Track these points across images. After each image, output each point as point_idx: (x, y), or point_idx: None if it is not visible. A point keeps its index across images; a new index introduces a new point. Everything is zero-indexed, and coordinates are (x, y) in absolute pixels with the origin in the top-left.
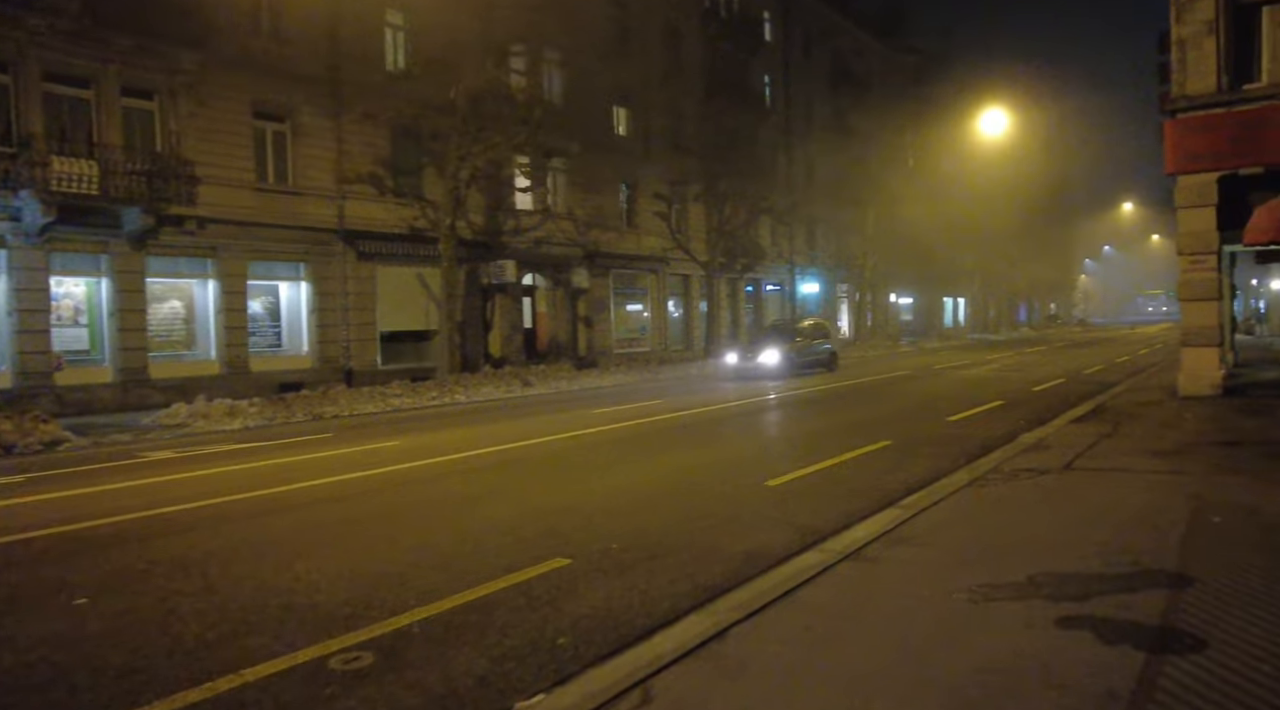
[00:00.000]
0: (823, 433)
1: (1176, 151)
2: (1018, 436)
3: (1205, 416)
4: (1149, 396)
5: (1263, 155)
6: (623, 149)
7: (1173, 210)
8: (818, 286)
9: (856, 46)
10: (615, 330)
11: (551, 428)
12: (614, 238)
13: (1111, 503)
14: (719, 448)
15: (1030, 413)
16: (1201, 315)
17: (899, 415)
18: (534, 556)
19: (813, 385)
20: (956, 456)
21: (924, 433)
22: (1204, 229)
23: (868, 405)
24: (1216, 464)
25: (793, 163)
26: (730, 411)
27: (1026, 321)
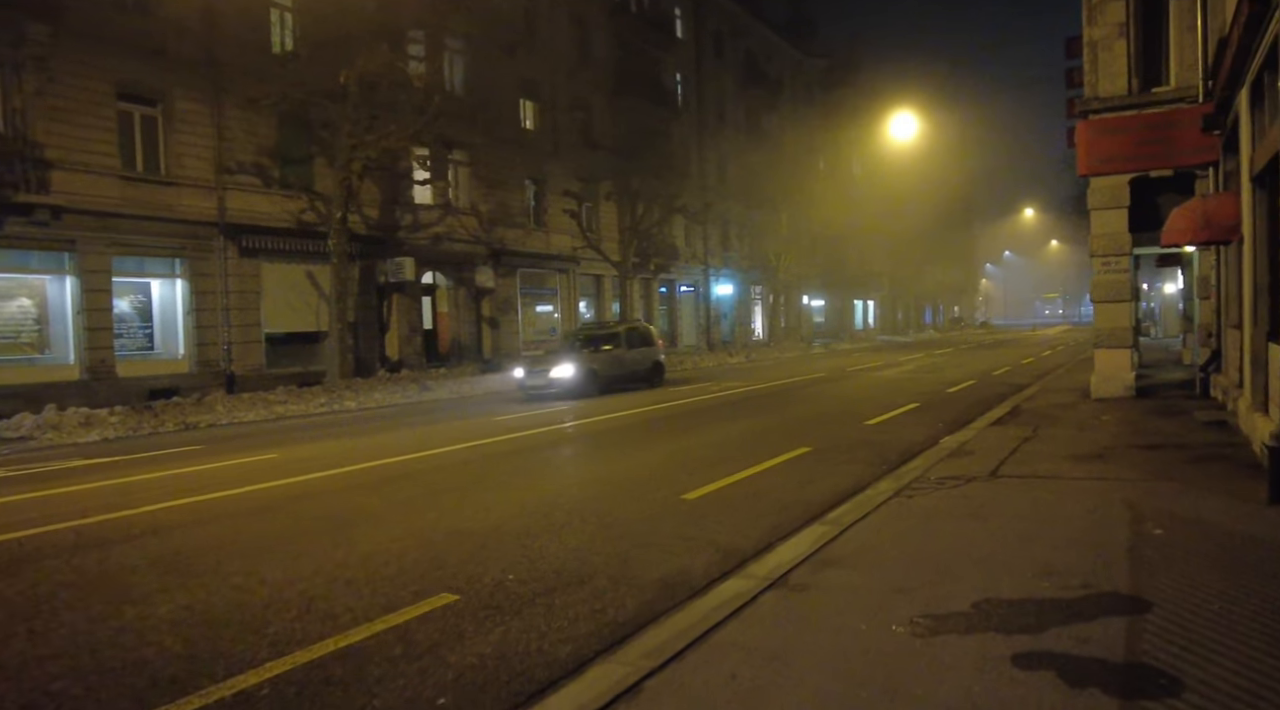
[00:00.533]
0: (743, 439)
1: (1089, 153)
2: (939, 441)
3: (1121, 419)
4: (1062, 398)
5: (1172, 158)
6: (530, 144)
7: (1070, 216)
8: (731, 288)
9: (768, 49)
10: (523, 332)
11: (448, 437)
12: (521, 235)
13: (1046, 515)
14: (633, 457)
15: (948, 415)
16: (1114, 317)
17: (818, 419)
18: (416, 592)
19: (729, 389)
20: (879, 463)
21: (844, 437)
22: (1117, 230)
23: (786, 409)
24: (1143, 469)
25: (706, 162)
26: (646, 418)
27: (932, 324)
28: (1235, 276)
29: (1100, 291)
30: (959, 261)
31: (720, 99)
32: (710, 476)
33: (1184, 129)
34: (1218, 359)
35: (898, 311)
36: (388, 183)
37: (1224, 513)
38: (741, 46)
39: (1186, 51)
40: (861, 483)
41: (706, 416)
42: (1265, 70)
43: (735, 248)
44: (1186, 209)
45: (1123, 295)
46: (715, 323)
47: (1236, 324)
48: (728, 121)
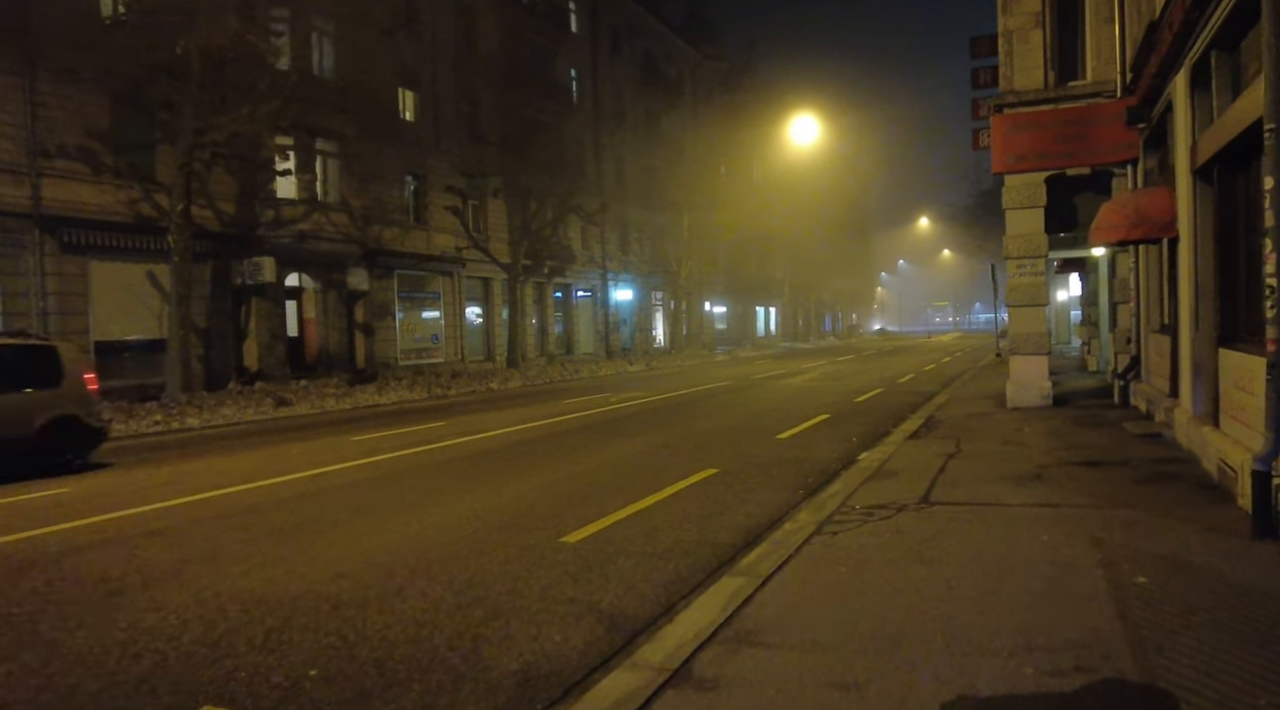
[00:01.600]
0: (641, 459)
1: (1004, 150)
2: (857, 458)
3: (1046, 431)
4: (977, 408)
5: (1089, 155)
6: (410, 136)
7: (962, 224)
8: (631, 293)
9: (668, 49)
10: (401, 339)
11: (292, 462)
12: (399, 234)
13: (1003, 557)
14: (509, 487)
15: (861, 427)
16: (1030, 322)
17: (724, 434)
18: (170, 704)
19: (627, 401)
20: (796, 487)
21: (754, 455)
22: (1032, 231)
23: (689, 423)
24: (1093, 493)
25: (604, 162)
26: (530, 437)
27: (833, 331)
28: (1157, 278)
29: (1016, 295)
30: (857, 269)
31: (618, 97)
32: (599, 510)
33: (1102, 125)
34: (1138, 366)
35: (799, 318)
36: (245, 174)
37: (1206, 551)
38: (640, 45)
39: (1103, 44)
40: (778, 513)
41: (600, 433)
42: (1214, 50)
43: (635, 252)
44: (1117, 204)
45: (1039, 299)
46: (614, 329)
47: (1159, 328)
48: (626, 121)
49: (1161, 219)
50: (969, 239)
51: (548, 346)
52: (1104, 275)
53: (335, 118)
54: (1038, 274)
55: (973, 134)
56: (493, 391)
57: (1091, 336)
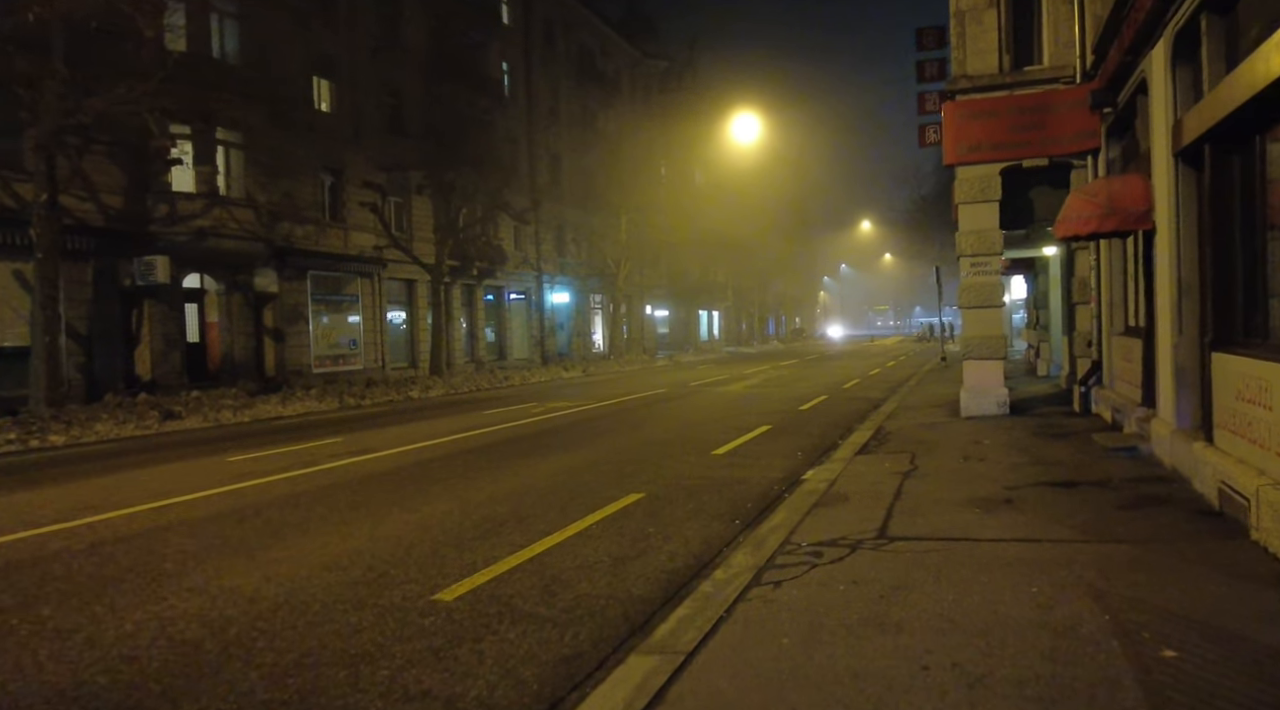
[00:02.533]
0: (555, 483)
1: (957, 139)
2: (802, 478)
3: (1007, 443)
4: (928, 417)
5: (1048, 145)
6: (325, 128)
7: (902, 228)
8: (568, 296)
9: (605, 45)
10: (316, 345)
11: (138, 492)
12: (313, 232)
13: (985, 620)
14: (391, 520)
15: (806, 440)
16: (985, 324)
17: (655, 449)
18: None
19: (555, 410)
20: (731, 517)
21: (686, 475)
22: (987, 227)
23: (619, 435)
24: (1075, 524)
25: (537, 159)
26: (434, 456)
27: (776, 335)
28: (1121, 277)
29: (970, 296)
30: (800, 273)
31: (553, 93)
32: (491, 553)
33: (1061, 113)
34: (1099, 371)
35: (742, 323)
36: (134, 164)
37: (1237, 608)
38: (575, 40)
39: (1061, 25)
40: (709, 554)
41: (515, 451)
42: (1204, 14)
43: (572, 253)
44: (1086, 194)
45: (994, 300)
46: (550, 334)
47: (1124, 331)
48: (561, 118)
49: (1136, 209)
50: (909, 243)
51: (478, 352)
52: (1055, 275)
53: (238, 106)
54: (993, 273)
55: (919, 130)
56: (411, 401)
57: (1041, 340)
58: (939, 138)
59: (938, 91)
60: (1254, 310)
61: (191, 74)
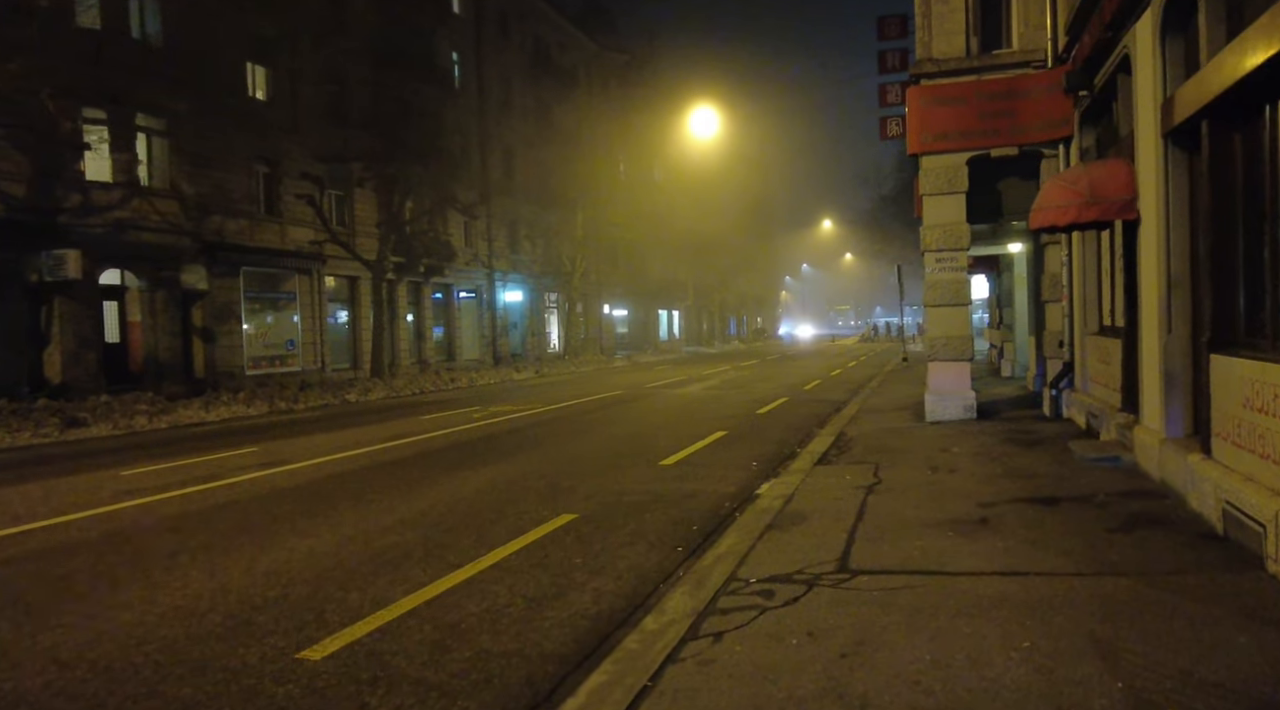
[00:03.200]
0: (478, 503)
1: (921, 126)
2: (756, 492)
3: (977, 451)
4: (892, 421)
5: (1017, 134)
6: (260, 117)
7: (864, 228)
8: (522, 295)
9: (561, 37)
10: (250, 345)
11: (19, 510)
12: (247, 227)
13: (972, 692)
14: (275, 550)
15: (763, 447)
16: (951, 323)
17: (599, 459)
18: None
19: (497, 415)
20: (673, 543)
21: (629, 490)
22: (953, 221)
23: (562, 444)
24: (1063, 549)
25: (489, 153)
26: (360, 463)
27: (737, 335)
28: (1095, 273)
29: (935, 294)
30: (761, 273)
31: (506, 85)
32: (384, 591)
33: (1031, 99)
34: (1071, 373)
35: (703, 322)
36: (40, 150)
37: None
38: (530, 31)
39: (1032, 6)
40: (641, 590)
41: (446, 461)
42: None
43: (526, 250)
44: (1065, 181)
45: (961, 298)
46: (503, 333)
47: (1099, 330)
48: (515, 110)
49: (1119, 197)
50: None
51: (425, 353)
52: (1020, 273)
53: (161, 90)
54: (959, 269)
55: (880, 123)
56: (347, 405)
57: (1005, 340)
58: (901, 131)
59: (900, 83)
60: (1258, 307)
61: (106, 54)
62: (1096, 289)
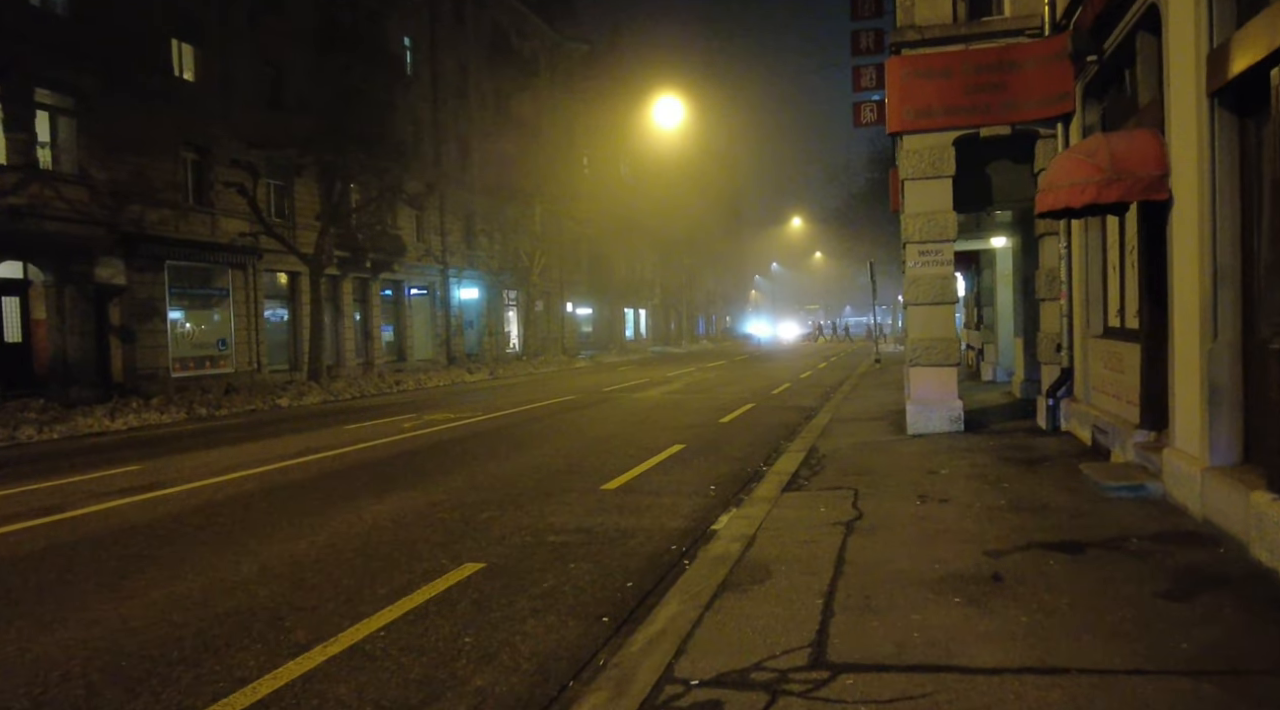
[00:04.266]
0: (373, 540)
1: (903, 102)
2: (711, 529)
3: (971, 473)
4: (869, 433)
5: (1009, 111)
6: (188, 99)
7: (833, 226)
8: (478, 292)
9: (520, 24)
10: (176, 345)
11: None
12: (172, 217)
13: None
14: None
15: (724, 465)
16: (935, 324)
17: (531, 482)
18: None
19: (430, 426)
20: (596, 610)
21: (556, 527)
22: (938, 208)
23: (493, 460)
24: (1110, 628)
25: (443, 143)
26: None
27: (706, 334)
28: (1100, 266)
29: (917, 290)
30: (731, 271)
31: (461, 73)
32: (180, 702)
33: (1026, 71)
34: (1070, 379)
35: (670, 321)
36: None
37: None
38: (487, 17)
39: None
40: (539, 698)
41: (351, 485)
42: None
43: (483, 246)
44: (1082, 154)
45: (947, 295)
46: (457, 333)
47: (1103, 332)
48: (471, 99)
49: (1147, 172)
50: (839, 242)
51: (373, 353)
52: (1004, 270)
53: (65, 65)
54: (945, 263)
55: (854, 108)
56: (277, 411)
57: (985, 341)
58: (876, 117)
59: (874, 65)
60: None
61: None
62: (1102, 285)
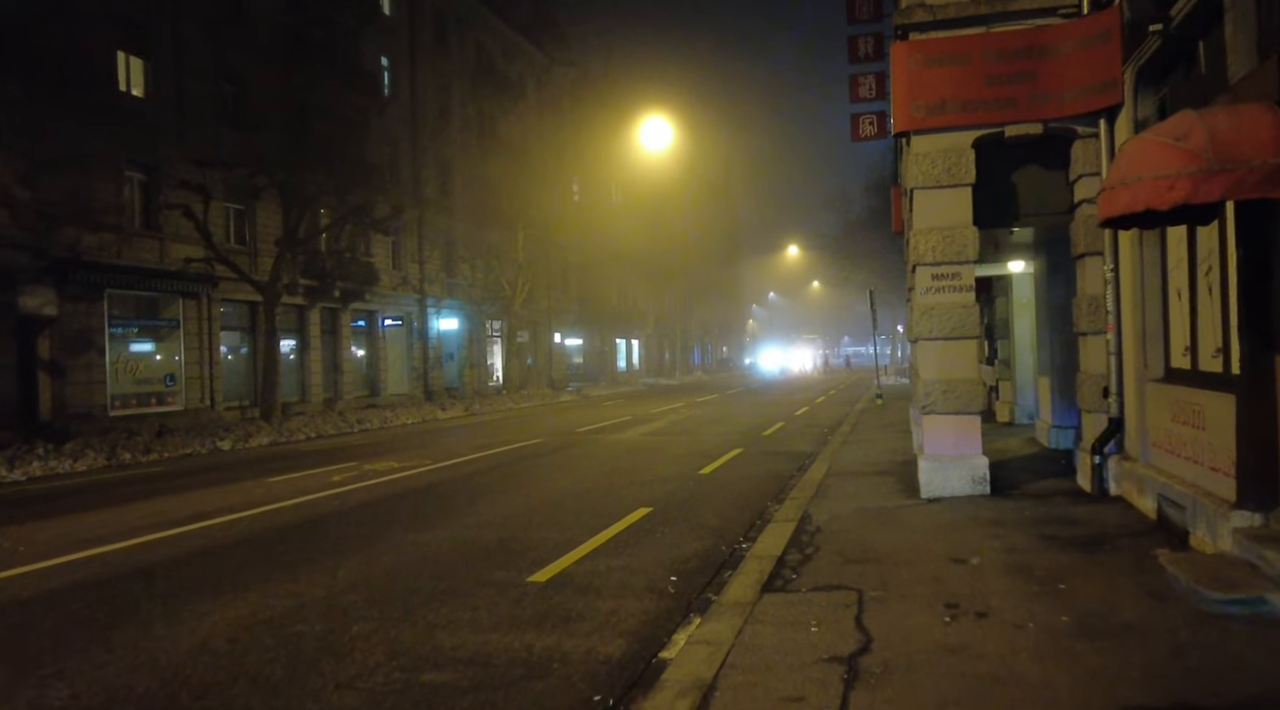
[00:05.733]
0: (169, 687)
1: (911, 95)
2: (658, 661)
3: (1011, 564)
4: (873, 495)
5: (1041, 104)
6: (135, 115)
7: (829, 255)
8: (458, 322)
9: (507, 47)
10: (117, 381)
11: None
12: (113, 242)
13: None
14: None
15: (692, 542)
16: (953, 362)
17: (438, 570)
18: None
19: (378, 475)
20: None
21: (437, 656)
22: (955, 223)
23: (406, 533)
24: None
25: (422, 167)
26: (57, 581)
27: (701, 365)
28: (1158, 291)
29: (931, 322)
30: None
31: (444, 95)
32: None
33: (1062, 57)
34: (1120, 432)
35: (665, 352)
36: None
37: None
38: (471, 38)
39: None
40: None
41: (206, 577)
42: None
43: (465, 274)
44: (1164, 137)
45: (967, 327)
46: (436, 365)
47: (1164, 375)
48: (454, 122)
49: (1264, 161)
50: (836, 270)
51: (342, 388)
52: (1024, 299)
53: None
54: (965, 289)
55: (851, 121)
56: (216, 455)
57: (1001, 379)
58: (876, 129)
59: (874, 73)
60: None
61: None
62: (1161, 315)
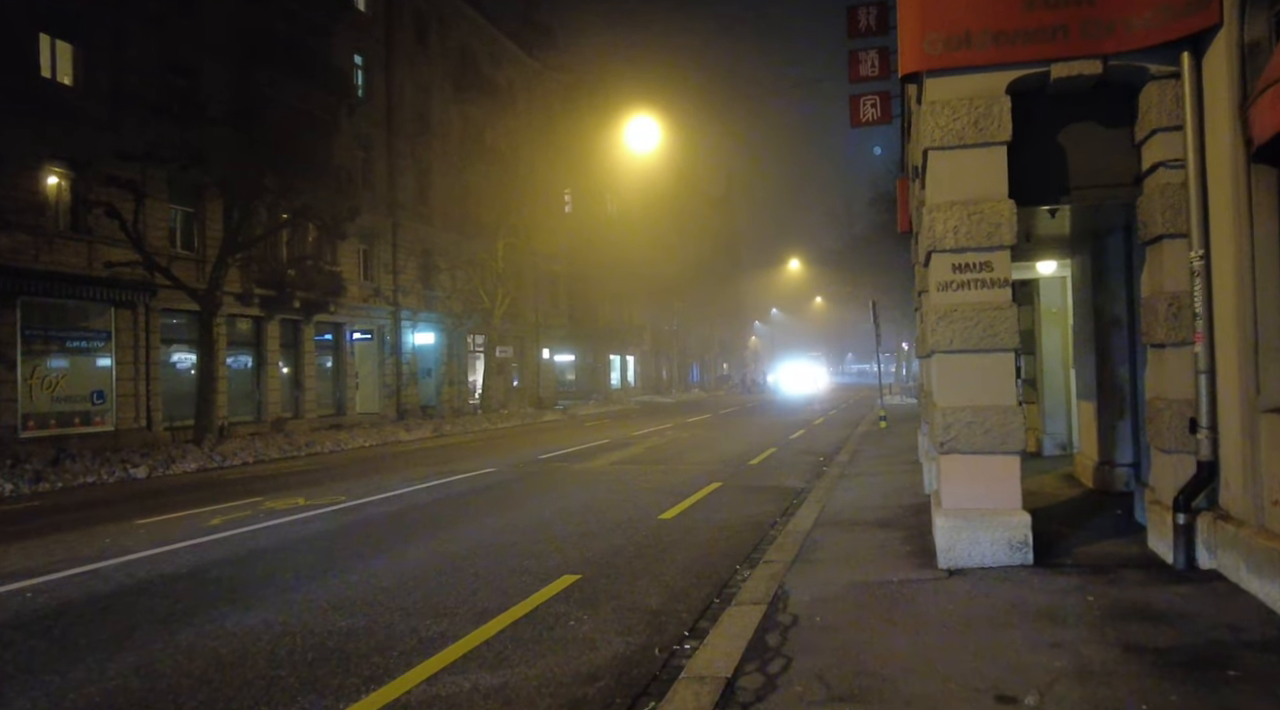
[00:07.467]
0: None
1: (925, 25)
2: None
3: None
4: (873, 565)
5: (1098, 35)
6: (62, 106)
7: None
8: (435, 337)
9: (494, 50)
10: (32, 398)
11: None
12: (30, 244)
13: None
14: None
15: (610, 644)
16: (982, 384)
17: (223, 693)
18: None
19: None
20: None
21: None
22: (986, 194)
23: (231, 616)
24: None
25: (399, 172)
26: None
27: (699, 382)
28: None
29: (951, 328)
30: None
31: (423, 98)
32: None
33: None
34: (1214, 480)
35: (662, 369)
36: None
37: None
38: (455, 40)
39: None
40: None
41: None
42: None
43: (444, 286)
44: None
45: (1001, 336)
46: (410, 382)
47: None
48: (434, 127)
49: None
50: (839, 286)
51: (304, 406)
52: (1050, 306)
53: None
54: (999, 284)
55: (851, 104)
56: (126, 484)
57: (1026, 401)
58: (878, 113)
59: (876, 48)
60: None
61: None
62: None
